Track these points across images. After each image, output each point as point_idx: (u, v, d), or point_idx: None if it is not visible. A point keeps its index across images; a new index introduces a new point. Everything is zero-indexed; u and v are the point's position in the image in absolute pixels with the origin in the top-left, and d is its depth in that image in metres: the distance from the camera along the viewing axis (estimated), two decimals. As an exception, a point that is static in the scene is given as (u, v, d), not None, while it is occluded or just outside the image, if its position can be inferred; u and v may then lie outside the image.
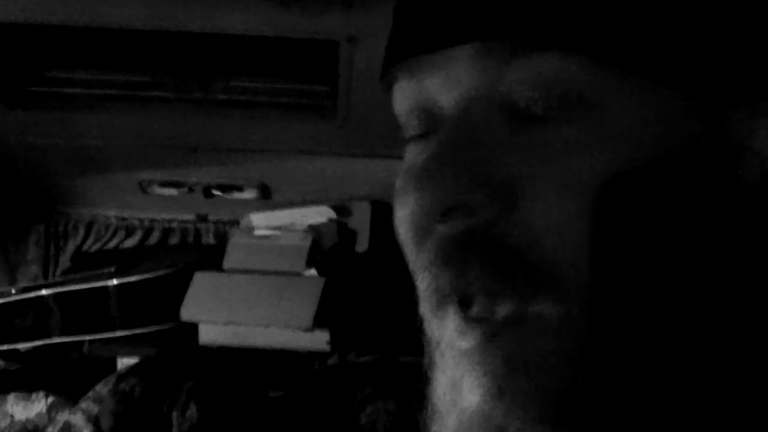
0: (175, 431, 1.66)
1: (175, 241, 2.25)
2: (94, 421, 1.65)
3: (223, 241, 2.13)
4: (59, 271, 2.21)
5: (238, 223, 2.14)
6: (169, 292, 1.93)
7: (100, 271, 2.04)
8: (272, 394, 1.72)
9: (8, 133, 1.99)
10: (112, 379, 1.73)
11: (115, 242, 2.25)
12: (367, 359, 1.77)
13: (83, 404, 1.69)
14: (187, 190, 2.15)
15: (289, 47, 1.80)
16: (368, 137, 1.91)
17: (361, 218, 2.06)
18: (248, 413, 1.67)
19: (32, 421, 1.72)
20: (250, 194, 2.16)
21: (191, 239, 2.25)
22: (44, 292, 2.00)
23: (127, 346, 1.95)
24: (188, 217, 2.26)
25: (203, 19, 1.66)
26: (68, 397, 1.76)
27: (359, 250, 2.02)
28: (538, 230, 0.44)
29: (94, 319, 1.97)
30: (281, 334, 1.81)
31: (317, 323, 1.79)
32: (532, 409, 0.44)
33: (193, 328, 1.87)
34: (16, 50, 1.86)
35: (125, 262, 2.09)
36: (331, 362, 1.78)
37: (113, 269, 2.02)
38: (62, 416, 1.68)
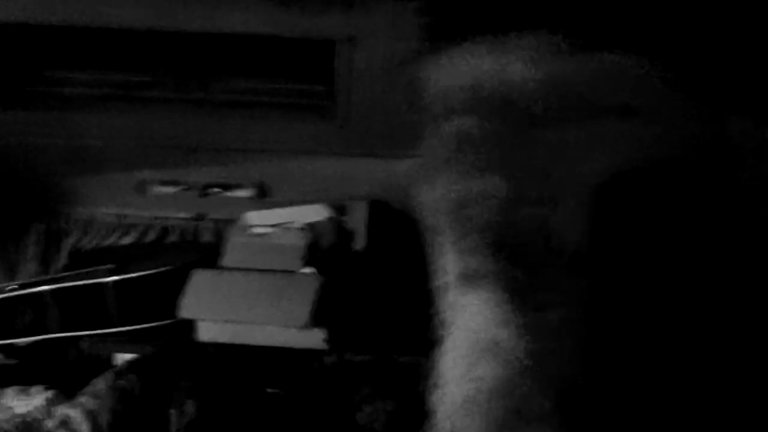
0: (172, 428, 1.67)
1: (173, 239, 2.25)
2: (91, 416, 1.66)
3: (220, 239, 2.13)
4: (58, 268, 2.22)
5: (235, 220, 2.14)
6: (166, 289, 1.94)
7: (98, 268, 2.04)
8: (269, 391, 1.73)
9: (8, 133, 1.99)
10: (110, 374, 1.74)
11: (113, 240, 2.26)
12: (364, 358, 1.77)
13: (82, 399, 1.70)
14: (185, 189, 2.15)
15: (288, 47, 1.81)
16: (367, 137, 1.92)
17: (358, 217, 2.07)
18: (245, 411, 1.68)
19: (31, 414, 1.72)
20: (248, 193, 2.17)
21: (189, 238, 2.25)
22: (43, 288, 2.00)
23: (124, 343, 1.96)
24: (186, 215, 2.26)
25: (203, 19, 1.67)
26: (67, 392, 1.76)
27: (356, 248, 2.03)
28: (566, 230, 0.45)
29: (91, 315, 1.98)
30: (278, 332, 1.82)
31: (314, 322, 1.80)
32: (548, 396, 0.45)
33: (190, 325, 1.88)
34: (15, 50, 1.86)
35: (123, 259, 2.10)
36: (328, 361, 1.79)
37: (111, 267, 2.03)
38: (61, 410, 1.69)
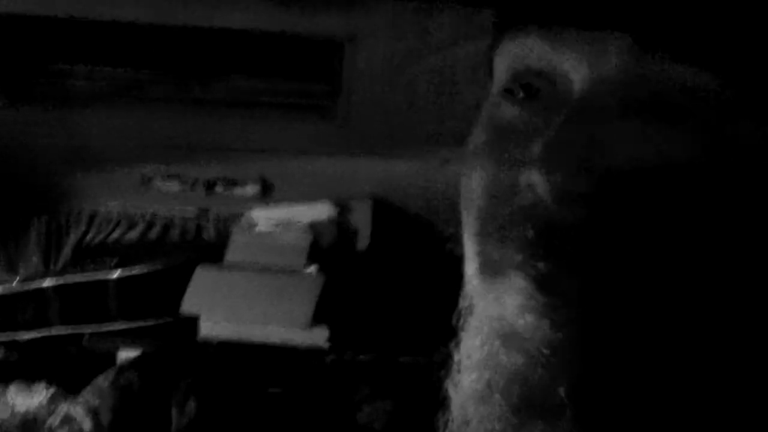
0: (173, 426, 1.67)
1: (176, 235, 2.25)
2: (93, 413, 1.65)
3: (223, 236, 2.13)
4: (60, 263, 2.21)
5: (239, 217, 2.14)
6: (169, 286, 1.94)
7: (100, 263, 2.04)
8: (271, 390, 1.73)
9: (9, 130, 1.99)
10: (111, 372, 1.74)
11: (116, 236, 2.25)
12: (365, 358, 1.77)
13: (83, 396, 1.69)
14: (188, 185, 2.15)
15: (289, 47, 1.80)
16: (368, 137, 1.91)
17: (361, 216, 2.06)
18: (247, 409, 1.68)
19: (33, 411, 1.72)
20: (252, 190, 2.16)
21: (192, 234, 2.25)
22: (45, 284, 2.00)
23: (126, 339, 1.96)
24: (190, 210, 2.25)
25: (204, 18, 1.66)
26: (69, 388, 1.76)
27: (359, 248, 2.02)
28: (597, 225, 0.44)
29: (93, 311, 1.98)
30: (281, 330, 1.82)
31: (315, 321, 1.79)
32: (563, 387, 0.44)
33: (192, 322, 1.87)
34: (16, 45, 1.86)
35: (126, 255, 2.09)
36: (328, 360, 1.79)
37: (114, 262, 2.02)
38: (63, 408, 1.69)
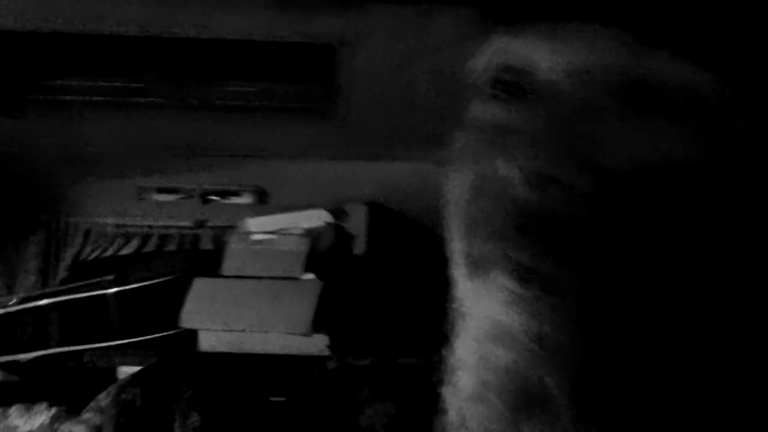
0: (177, 439, 1.66)
1: (172, 247, 2.24)
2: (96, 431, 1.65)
3: (221, 247, 2.13)
4: (57, 280, 2.21)
5: (235, 226, 2.13)
6: (168, 299, 1.93)
7: (98, 279, 2.03)
8: (273, 399, 1.72)
9: (5, 140, 1.98)
10: (113, 389, 1.73)
11: (113, 250, 2.24)
12: (365, 362, 1.77)
13: (85, 415, 1.69)
14: (184, 196, 2.15)
15: (286, 50, 1.80)
16: (367, 140, 1.91)
17: (357, 221, 2.06)
18: (249, 419, 1.67)
19: (35, 432, 1.72)
20: (247, 199, 2.16)
21: (189, 246, 2.24)
22: (43, 302, 1.99)
23: (127, 354, 1.95)
24: (186, 223, 2.25)
25: (199, 23, 1.66)
26: (70, 407, 1.76)
27: (357, 252, 2.02)
28: (589, 222, 0.43)
29: (93, 328, 1.97)
30: (281, 339, 1.81)
31: (315, 328, 1.79)
32: (560, 384, 0.44)
33: (192, 335, 1.87)
34: (12, 58, 1.85)
35: (123, 270, 2.09)
36: (330, 366, 1.78)
37: (111, 278, 2.02)
38: (65, 428, 1.68)
